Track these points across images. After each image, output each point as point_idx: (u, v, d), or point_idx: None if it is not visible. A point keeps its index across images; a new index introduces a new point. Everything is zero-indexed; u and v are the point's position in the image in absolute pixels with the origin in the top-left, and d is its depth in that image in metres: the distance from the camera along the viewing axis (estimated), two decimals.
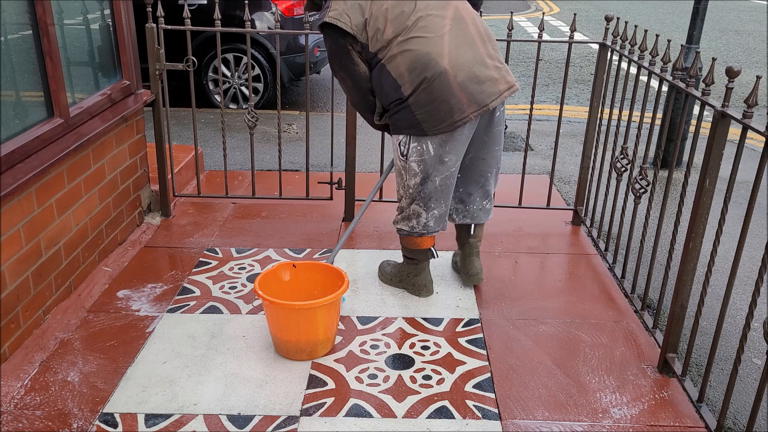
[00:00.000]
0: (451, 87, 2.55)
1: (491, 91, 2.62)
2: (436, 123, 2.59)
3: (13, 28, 2.63)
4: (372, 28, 2.59)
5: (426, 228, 2.87)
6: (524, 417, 2.35)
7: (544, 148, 5.48)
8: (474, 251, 3.08)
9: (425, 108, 2.58)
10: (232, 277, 3.22)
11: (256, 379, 2.51)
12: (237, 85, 6.51)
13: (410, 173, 2.75)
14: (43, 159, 2.65)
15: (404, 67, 2.56)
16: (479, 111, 2.61)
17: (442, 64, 2.53)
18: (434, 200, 2.81)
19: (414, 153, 2.69)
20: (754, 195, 2.09)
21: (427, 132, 2.62)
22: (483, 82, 2.59)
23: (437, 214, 2.85)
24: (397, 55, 2.57)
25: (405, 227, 2.91)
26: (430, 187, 2.76)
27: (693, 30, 4.73)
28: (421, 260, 3.01)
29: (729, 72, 2.14)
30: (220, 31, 3.59)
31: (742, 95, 6.99)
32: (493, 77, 2.62)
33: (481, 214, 3.02)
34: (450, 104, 2.56)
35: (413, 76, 2.56)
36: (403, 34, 2.56)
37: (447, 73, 2.54)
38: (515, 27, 11.97)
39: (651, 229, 3.58)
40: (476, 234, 3.08)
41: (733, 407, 2.58)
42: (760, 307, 3.05)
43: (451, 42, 2.57)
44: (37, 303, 2.70)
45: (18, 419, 2.28)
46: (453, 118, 2.58)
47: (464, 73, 2.56)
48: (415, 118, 2.60)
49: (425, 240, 2.93)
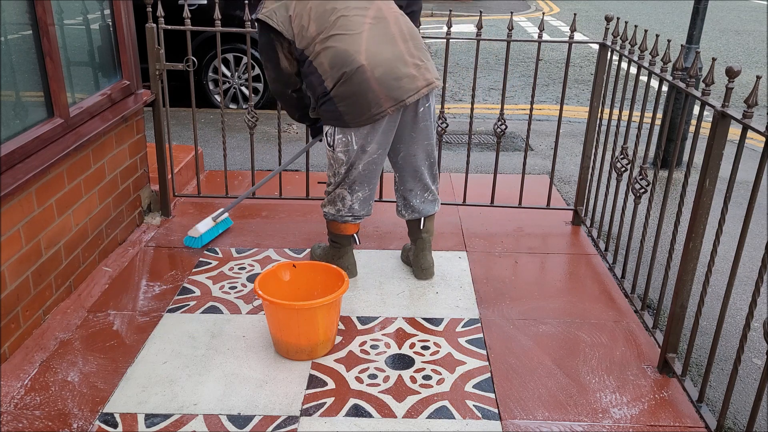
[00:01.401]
0: (368, 82, 2.69)
1: (408, 87, 2.75)
2: (356, 116, 2.75)
3: (13, 28, 2.63)
4: (297, 26, 2.75)
5: (351, 211, 3.02)
6: (524, 417, 2.35)
7: (544, 148, 5.48)
8: (426, 245, 3.20)
9: (345, 101, 2.73)
10: (232, 277, 3.22)
11: (256, 379, 2.51)
12: (237, 85, 6.51)
13: (338, 162, 2.91)
14: (43, 159, 2.65)
15: (326, 62, 2.72)
16: (396, 105, 2.75)
17: (359, 59, 2.68)
18: (358, 184, 2.96)
19: (339, 144, 2.85)
20: (754, 195, 2.09)
21: (349, 124, 2.78)
22: (401, 79, 2.73)
23: (361, 196, 3.00)
24: (321, 52, 2.73)
25: (331, 210, 3.05)
26: (354, 173, 2.92)
27: (693, 30, 4.73)
28: (345, 245, 3.18)
29: (729, 72, 2.14)
30: (220, 31, 3.60)
31: (742, 95, 6.99)
32: (411, 74, 2.76)
33: (425, 206, 3.14)
34: (368, 98, 2.71)
35: (334, 71, 2.71)
36: (324, 32, 2.72)
37: (364, 69, 2.68)
38: (515, 27, 11.97)
39: (651, 229, 3.58)
40: (427, 228, 3.19)
41: (733, 407, 2.58)
42: (760, 307, 3.05)
43: (369, 39, 2.72)
44: (37, 303, 2.70)
45: (18, 419, 2.28)
46: (371, 111, 2.73)
47: (382, 68, 2.70)
48: (338, 110, 2.76)
49: (349, 227, 3.10)
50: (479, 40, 3.61)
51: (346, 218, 3.04)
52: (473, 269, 3.34)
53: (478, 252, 3.53)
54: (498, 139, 3.76)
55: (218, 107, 6.15)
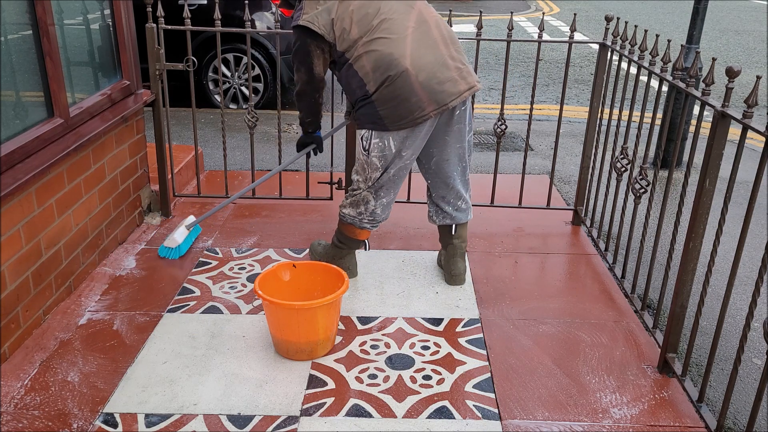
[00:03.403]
0: (413, 86, 2.67)
1: (451, 91, 2.74)
2: (398, 119, 2.72)
3: (13, 28, 2.63)
4: (339, 29, 2.72)
5: (373, 215, 2.99)
6: (524, 417, 2.35)
7: (544, 148, 5.48)
8: (458, 252, 3.16)
9: (388, 105, 2.70)
10: (232, 277, 3.22)
11: (256, 379, 2.51)
12: (237, 85, 6.51)
13: (372, 167, 2.87)
14: (43, 159, 2.65)
15: (369, 66, 2.70)
16: (439, 110, 2.73)
17: (404, 63, 2.66)
18: (385, 189, 2.94)
19: (375, 149, 2.82)
20: (754, 195, 2.09)
21: (389, 127, 2.74)
22: (443, 83, 2.72)
23: (385, 202, 2.98)
24: (363, 55, 2.70)
25: (352, 213, 3.00)
26: (384, 178, 2.89)
27: (693, 30, 4.73)
28: (352, 248, 3.15)
29: (729, 72, 2.14)
30: (220, 31, 3.60)
31: (742, 95, 6.99)
32: (454, 78, 2.75)
33: (458, 214, 3.11)
34: (411, 102, 2.69)
35: (377, 74, 2.69)
36: (367, 35, 2.70)
37: (408, 73, 2.66)
38: (515, 27, 11.97)
39: (651, 229, 3.58)
40: (459, 235, 3.16)
41: (733, 407, 2.58)
42: (760, 307, 3.05)
43: (413, 43, 2.70)
44: (37, 303, 2.70)
45: (18, 419, 2.28)
46: (413, 115, 2.71)
47: (425, 73, 2.68)
48: (378, 114, 2.73)
49: (364, 232, 3.06)
50: (479, 40, 3.61)
51: (365, 224, 3.00)
52: (473, 269, 3.34)
53: (478, 252, 3.53)
54: (498, 139, 3.76)
55: (218, 107, 6.14)
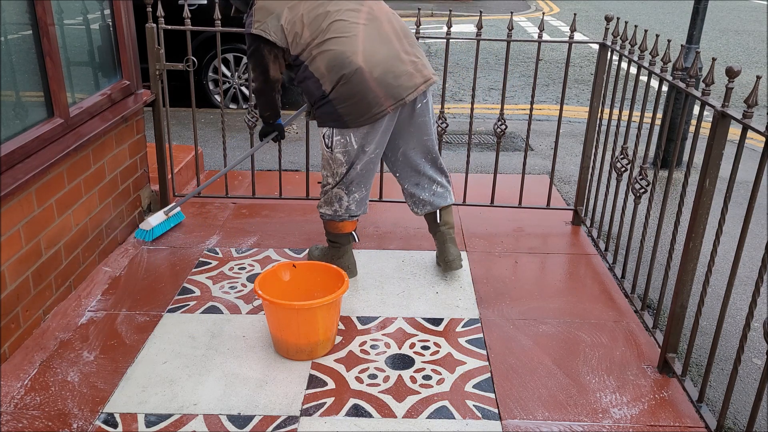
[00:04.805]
0: (368, 82, 2.71)
1: (407, 85, 2.77)
2: (357, 116, 2.76)
3: (13, 28, 2.63)
4: (290, 33, 2.76)
5: (348, 211, 3.02)
6: (524, 417, 2.35)
7: (544, 148, 5.48)
8: (447, 238, 3.18)
9: (346, 102, 2.74)
10: (232, 277, 3.22)
11: (256, 379, 2.51)
12: (237, 85, 6.51)
13: (337, 163, 2.91)
14: (43, 159, 2.65)
15: (323, 66, 2.74)
16: (396, 104, 2.77)
17: (356, 61, 2.70)
18: (355, 184, 2.97)
19: (338, 145, 2.85)
20: (754, 195, 2.09)
21: (349, 125, 2.78)
22: (399, 77, 2.75)
23: (358, 197, 3.01)
24: (317, 56, 2.74)
25: (328, 211, 3.05)
26: (352, 174, 2.93)
27: (693, 30, 4.72)
28: (344, 243, 3.17)
29: (729, 72, 2.14)
30: (220, 31, 3.60)
31: (742, 95, 6.99)
32: (409, 71, 2.78)
33: (435, 199, 3.14)
34: (368, 99, 2.72)
35: (332, 74, 2.73)
36: (319, 36, 2.74)
37: (362, 70, 2.70)
38: (515, 27, 11.97)
39: (651, 229, 3.58)
40: (444, 221, 3.18)
41: (733, 407, 2.58)
42: (760, 307, 3.05)
43: (365, 40, 2.73)
44: (37, 303, 2.70)
45: (18, 419, 2.28)
46: (371, 111, 2.74)
47: (380, 68, 2.72)
48: (338, 112, 2.77)
49: (346, 225, 3.09)
50: (479, 40, 3.61)
51: (343, 217, 3.04)
52: (473, 269, 3.34)
53: (478, 252, 3.53)
54: (498, 139, 3.76)
55: (218, 107, 6.14)
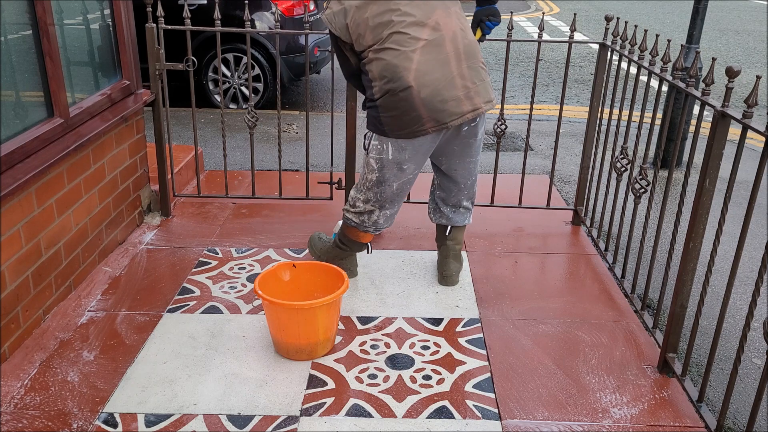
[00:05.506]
0: (414, 102, 2.66)
1: (453, 111, 2.70)
2: (397, 128, 2.73)
3: (13, 28, 2.63)
4: (354, 33, 2.74)
5: (375, 225, 3.00)
6: (524, 417, 2.35)
7: (544, 148, 5.48)
8: (450, 253, 3.18)
9: (390, 112, 2.71)
10: (232, 277, 3.22)
11: (256, 379, 2.51)
12: (237, 85, 6.51)
13: (369, 168, 2.89)
14: (43, 159, 2.65)
15: (376, 72, 2.72)
16: (438, 127, 2.72)
17: (408, 79, 2.64)
18: (389, 202, 2.95)
19: (374, 150, 2.84)
20: (754, 195, 2.09)
21: (388, 134, 2.76)
22: (446, 101, 2.69)
23: (389, 213, 3.00)
24: (374, 60, 2.72)
25: (355, 219, 3.01)
26: (388, 192, 2.90)
27: (693, 30, 4.72)
28: (354, 250, 3.15)
29: (729, 72, 2.14)
30: (220, 31, 3.60)
31: (742, 95, 6.99)
32: (459, 97, 2.70)
33: (455, 217, 3.14)
34: (411, 115, 2.69)
35: (382, 82, 2.70)
36: (378, 43, 2.70)
37: (411, 89, 2.65)
38: (515, 27, 11.97)
39: (651, 229, 3.58)
40: (453, 237, 3.17)
41: (733, 407, 2.58)
42: (760, 307, 3.05)
43: (420, 59, 2.66)
44: (37, 303, 2.70)
45: (18, 419, 2.28)
46: (412, 128, 2.71)
47: (428, 89, 2.65)
48: (380, 118, 2.75)
49: (367, 236, 3.06)
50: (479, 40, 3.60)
51: (369, 230, 3.01)
52: (473, 269, 3.34)
53: (478, 252, 3.53)
54: (498, 139, 3.76)
55: (218, 107, 6.15)
